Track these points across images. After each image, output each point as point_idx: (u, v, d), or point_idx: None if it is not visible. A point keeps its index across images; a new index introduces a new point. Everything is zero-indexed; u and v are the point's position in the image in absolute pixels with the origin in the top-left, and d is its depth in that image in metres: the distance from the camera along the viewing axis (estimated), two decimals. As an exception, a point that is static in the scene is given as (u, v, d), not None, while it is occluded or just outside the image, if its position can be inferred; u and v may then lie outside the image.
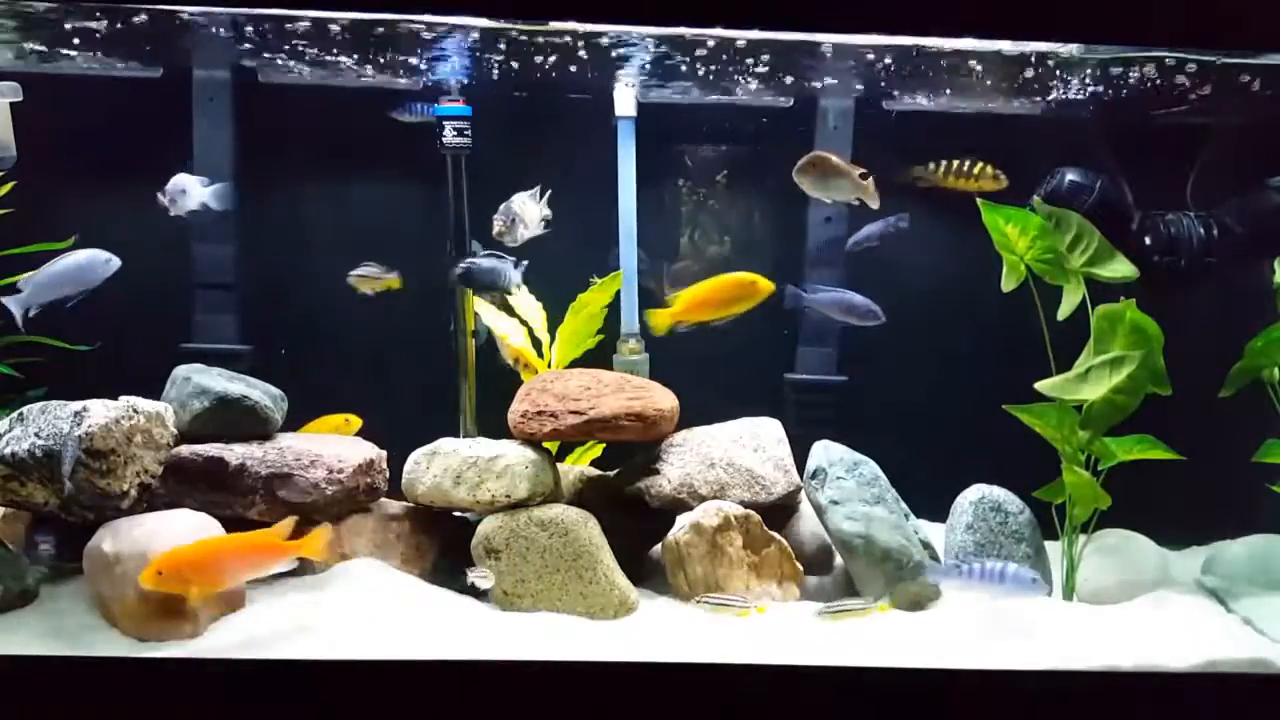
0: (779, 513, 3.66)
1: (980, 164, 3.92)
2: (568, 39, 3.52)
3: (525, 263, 3.80)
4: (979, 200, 3.47)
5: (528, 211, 3.70)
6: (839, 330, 4.27)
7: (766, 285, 3.63)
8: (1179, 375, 3.41)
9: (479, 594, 3.33)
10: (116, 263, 3.54)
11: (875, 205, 3.68)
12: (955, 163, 3.96)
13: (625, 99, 4.08)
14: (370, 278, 3.87)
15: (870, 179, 3.62)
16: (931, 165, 3.98)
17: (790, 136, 4.14)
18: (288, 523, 3.03)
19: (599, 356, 4.15)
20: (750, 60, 3.74)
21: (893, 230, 3.96)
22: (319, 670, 2.84)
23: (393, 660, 2.86)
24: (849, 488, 3.47)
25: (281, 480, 3.31)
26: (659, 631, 3.17)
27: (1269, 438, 3.55)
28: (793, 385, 4.34)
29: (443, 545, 3.58)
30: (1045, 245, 3.47)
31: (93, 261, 3.52)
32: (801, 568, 3.49)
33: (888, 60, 3.70)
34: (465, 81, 4.03)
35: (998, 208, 3.48)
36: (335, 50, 3.77)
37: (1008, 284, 3.52)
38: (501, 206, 3.76)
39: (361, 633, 3.01)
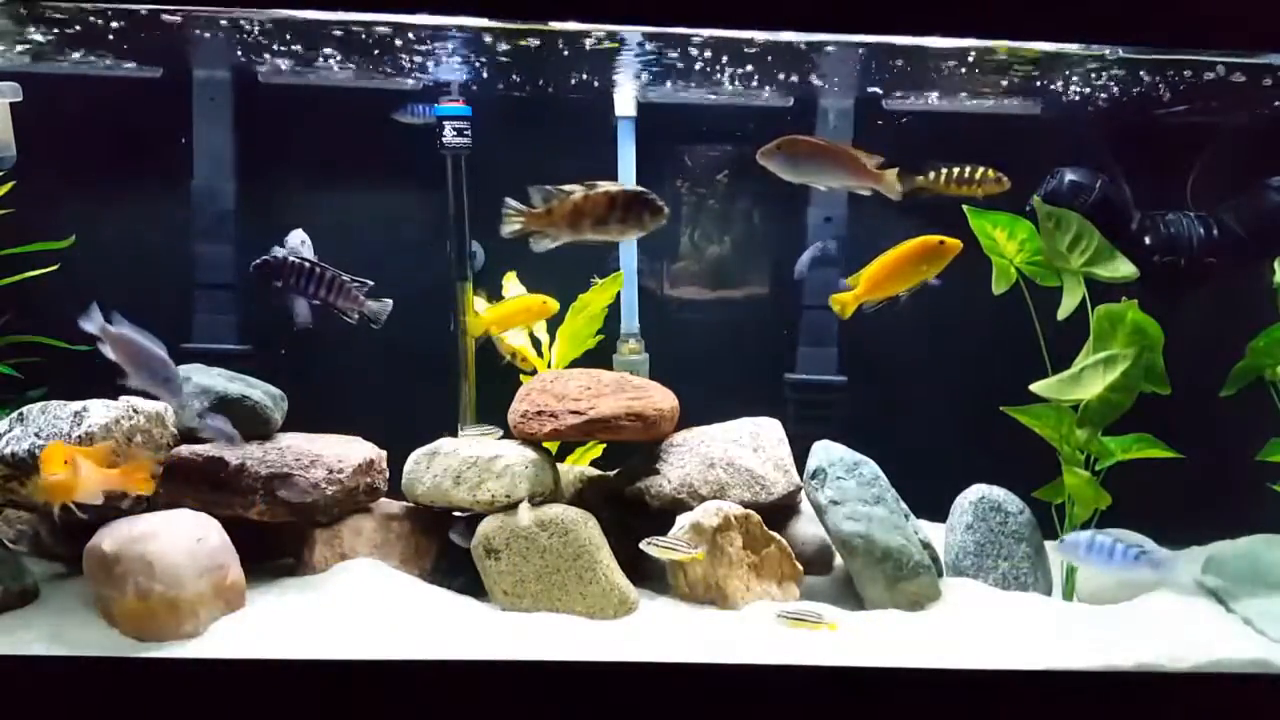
0: (779, 513, 3.66)
1: (980, 169, 3.87)
2: (567, 39, 3.53)
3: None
4: (965, 206, 3.47)
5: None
6: (839, 330, 4.27)
7: (954, 243, 3.25)
8: (1179, 375, 3.41)
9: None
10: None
11: (895, 197, 3.27)
12: (955, 170, 3.89)
13: (625, 99, 4.08)
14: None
15: (893, 170, 3.21)
16: (931, 174, 3.92)
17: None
18: (104, 448, 2.96)
19: (599, 356, 4.15)
20: (751, 60, 3.74)
21: (821, 254, 3.88)
22: (319, 670, 2.84)
23: (392, 660, 2.86)
24: (849, 488, 3.47)
25: (281, 480, 3.31)
26: (659, 631, 3.17)
27: (1270, 437, 3.55)
28: (793, 385, 4.34)
29: (442, 545, 3.58)
30: (1034, 248, 3.48)
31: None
32: (801, 568, 3.49)
33: (891, 60, 3.70)
34: (465, 81, 4.04)
35: (985, 213, 3.49)
36: (334, 50, 3.77)
37: (997, 287, 3.54)
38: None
39: (361, 633, 3.01)
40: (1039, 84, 3.90)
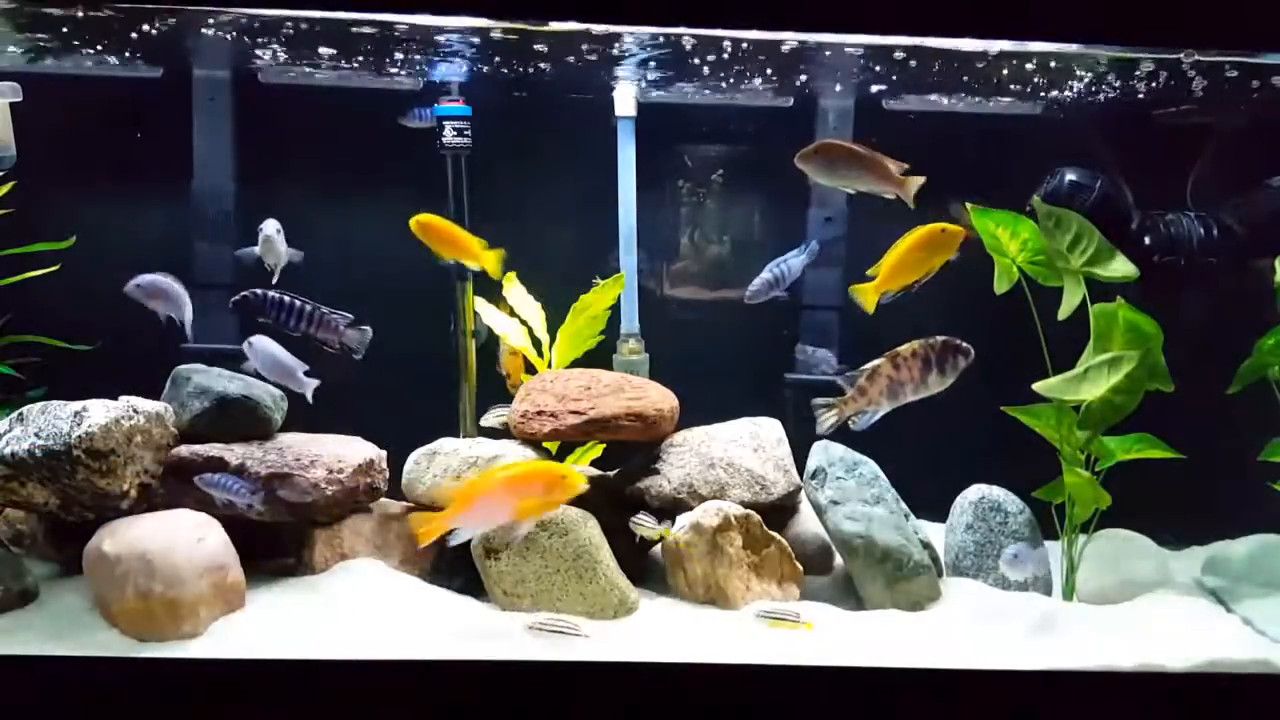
0: (779, 513, 3.66)
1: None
2: (568, 39, 3.52)
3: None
4: (968, 204, 3.46)
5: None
6: (839, 330, 4.26)
7: (956, 230, 3.26)
8: (1179, 375, 3.41)
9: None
10: None
11: (912, 205, 3.26)
12: None
13: (625, 99, 4.08)
14: None
15: (916, 177, 3.22)
16: (968, 204, 3.91)
17: (791, 135, 4.14)
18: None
19: (599, 356, 4.15)
20: (752, 60, 3.73)
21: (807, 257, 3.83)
22: (319, 670, 2.84)
23: (392, 660, 2.86)
24: (849, 488, 3.47)
25: (281, 480, 3.31)
26: (659, 631, 3.17)
27: (1271, 436, 3.55)
28: (793, 385, 4.34)
29: (442, 545, 3.57)
30: (1036, 247, 3.48)
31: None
32: (801, 568, 3.49)
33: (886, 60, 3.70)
34: (464, 81, 4.04)
35: (988, 211, 3.49)
36: (334, 50, 3.77)
37: (999, 287, 3.53)
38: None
39: (361, 633, 3.01)
40: (1038, 83, 3.91)
